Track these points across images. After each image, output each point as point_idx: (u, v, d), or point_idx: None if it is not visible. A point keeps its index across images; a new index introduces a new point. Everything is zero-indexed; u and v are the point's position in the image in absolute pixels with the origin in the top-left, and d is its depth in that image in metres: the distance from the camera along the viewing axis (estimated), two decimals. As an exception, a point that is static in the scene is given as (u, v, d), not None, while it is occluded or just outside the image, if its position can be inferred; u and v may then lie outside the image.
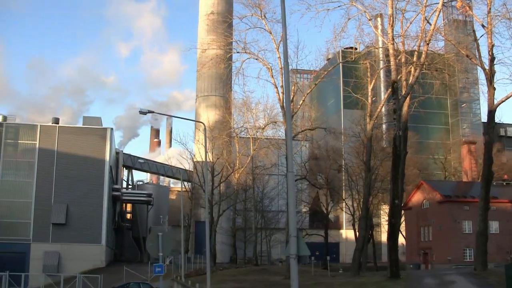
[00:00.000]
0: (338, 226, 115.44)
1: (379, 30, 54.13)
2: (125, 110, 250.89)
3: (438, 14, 43.42)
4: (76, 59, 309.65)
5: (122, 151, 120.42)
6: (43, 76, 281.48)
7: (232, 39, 59.93)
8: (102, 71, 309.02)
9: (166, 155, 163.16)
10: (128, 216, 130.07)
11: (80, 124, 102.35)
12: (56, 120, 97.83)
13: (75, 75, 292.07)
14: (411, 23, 46.29)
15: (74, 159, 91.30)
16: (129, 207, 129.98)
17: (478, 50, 47.21)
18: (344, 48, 68.39)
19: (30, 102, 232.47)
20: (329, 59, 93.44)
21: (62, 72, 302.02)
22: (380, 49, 58.04)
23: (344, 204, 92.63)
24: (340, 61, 71.20)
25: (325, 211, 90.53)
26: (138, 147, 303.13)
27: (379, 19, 61.83)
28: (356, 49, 64.90)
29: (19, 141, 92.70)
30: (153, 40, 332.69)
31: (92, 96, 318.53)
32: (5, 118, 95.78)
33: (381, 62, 60.36)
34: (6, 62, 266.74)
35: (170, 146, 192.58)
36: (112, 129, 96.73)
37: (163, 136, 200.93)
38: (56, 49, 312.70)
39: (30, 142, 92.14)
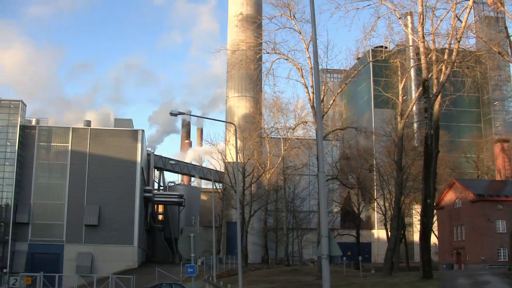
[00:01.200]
0: (369, 226, 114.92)
1: (409, 29, 53.64)
2: (161, 107, 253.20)
3: (469, 11, 42.91)
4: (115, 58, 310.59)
5: (153, 152, 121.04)
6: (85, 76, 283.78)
7: (261, 39, 59.86)
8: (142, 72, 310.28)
9: (195, 153, 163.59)
10: (160, 217, 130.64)
11: (112, 126, 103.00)
12: (88, 123, 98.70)
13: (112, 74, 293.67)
14: (441, 20, 45.86)
15: (106, 161, 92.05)
16: (161, 208, 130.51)
17: (511, 47, 46.64)
18: (374, 47, 68.11)
19: (78, 102, 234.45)
20: (359, 58, 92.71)
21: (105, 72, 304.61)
22: (411, 47, 57.62)
23: (375, 203, 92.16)
24: (370, 60, 70.95)
25: (356, 211, 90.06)
26: (170, 149, 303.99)
27: (409, 17, 61.24)
28: (386, 48, 64.60)
29: (51, 144, 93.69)
30: (185, 41, 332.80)
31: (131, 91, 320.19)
32: (38, 121, 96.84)
33: (412, 60, 59.86)
34: (58, 61, 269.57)
35: (201, 147, 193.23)
36: (143, 130, 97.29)
37: (194, 137, 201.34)
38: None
39: (62, 144, 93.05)
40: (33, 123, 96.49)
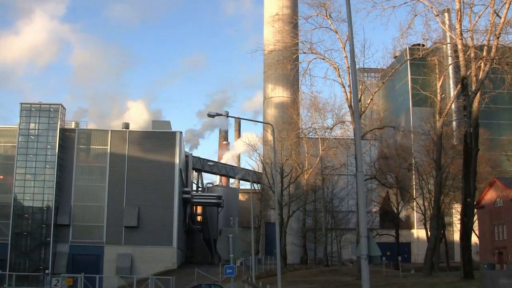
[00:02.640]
0: (409, 226, 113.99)
1: (447, 26, 53.19)
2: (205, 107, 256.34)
3: (508, 6, 42.26)
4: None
5: (191, 154, 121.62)
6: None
7: (298, 39, 59.82)
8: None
9: (233, 151, 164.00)
10: (199, 218, 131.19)
11: (150, 129, 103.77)
12: (127, 125, 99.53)
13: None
14: (479, 17, 45.27)
15: (144, 163, 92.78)
16: (199, 209, 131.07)
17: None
18: (411, 45, 67.49)
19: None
20: (396, 56, 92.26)
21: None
22: (448, 45, 57.11)
23: (414, 203, 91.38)
24: (408, 58, 70.39)
25: (395, 211, 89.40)
26: (208, 150, 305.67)
27: (446, 14, 60.84)
28: (423, 45, 63.92)
29: (91, 147, 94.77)
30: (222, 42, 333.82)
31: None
32: (77, 124, 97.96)
33: (450, 58, 59.36)
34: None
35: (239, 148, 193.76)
36: (181, 132, 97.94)
37: (232, 138, 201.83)
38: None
39: (101, 147, 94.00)
40: (73, 126, 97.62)
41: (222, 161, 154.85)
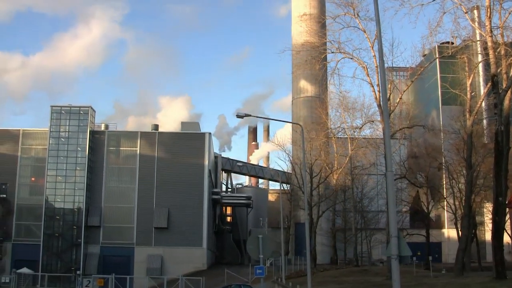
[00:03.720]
0: (439, 225, 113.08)
1: (476, 23, 52.60)
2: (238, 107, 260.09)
3: (539, 3, 41.88)
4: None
5: (220, 155, 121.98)
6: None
7: (326, 39, 59.59)
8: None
9: (262, 155, 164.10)
10: (228, 219, 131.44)
11: (179, 130, 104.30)
12: (156, 127, 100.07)
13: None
14: (510, 13, 44.70)
15: (174, 164, 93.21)
16: (229, 210, 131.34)
17: None
18: (440, 43, 67.02)
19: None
20: (425, 55, 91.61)
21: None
22: (478, 42, 56.53)
23: (445, 202, 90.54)
24: (437, 56, 69.82)
25: (425, 210, 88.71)
26: (237, 150, 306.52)
27: (475, 11, 60.10)
28: (452, 43, 63.41)
29: (120, 148, 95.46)
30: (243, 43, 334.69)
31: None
32: (107, 126, 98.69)
33: (479, 55, 58.68)
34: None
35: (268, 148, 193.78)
36: (210, 133, 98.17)
37: (260, 138, 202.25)
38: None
39: (131, 149, 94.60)
40: (102, 128, 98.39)
41: (251, 161, 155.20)
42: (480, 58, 59.05)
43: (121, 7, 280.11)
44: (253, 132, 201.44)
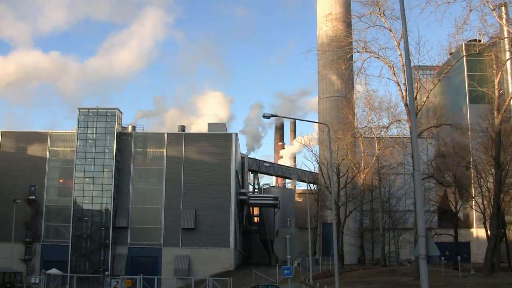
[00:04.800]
0: (468, 225, 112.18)
1: (504, 20, 52.15)
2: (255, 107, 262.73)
3: None
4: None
5: (247, 155, 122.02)
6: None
7: (351, 38, 59.46)
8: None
9: (289, 155, 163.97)
10: (255, 219, 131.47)
11: (205, 131, 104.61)
12: (182, 128, 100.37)
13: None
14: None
15: (201, 165, 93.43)
16: (256, 210, 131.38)
17: None
18: (467, 41, 66.41)
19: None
20: (452, 53, 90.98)
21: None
22: (506, 39, 56.04)
23: (473, 202, 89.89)
24: (464, 54, 69.30)
25: (454, 210, 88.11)
26: (264, 151, 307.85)
27: (503, 8, 59.58)
28: (480, 41, 63.01)
29: (147, 150, 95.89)
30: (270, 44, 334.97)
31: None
32: (134, 128, 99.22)
33: (507, 53, 58.21)
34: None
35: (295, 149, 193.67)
36: (236, 134, 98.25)
37: (287, 138, 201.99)
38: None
39: (158, 150, 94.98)
40: (129, 130, 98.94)
41: (278, 162, 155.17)
42: (508, 55, 58.53)
43: (173, 10, 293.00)
44: (279, 132, 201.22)
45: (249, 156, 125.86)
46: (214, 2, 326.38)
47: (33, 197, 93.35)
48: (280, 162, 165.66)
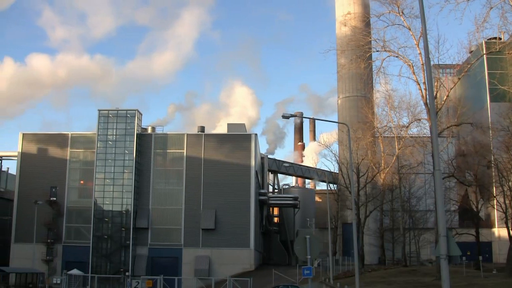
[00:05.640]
0: (489, 225, 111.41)
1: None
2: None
3: None
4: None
5: (267, 156, 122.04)
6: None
7: (370, 38, 59.29)
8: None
9: (309, 155, 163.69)
10: (276, 219, 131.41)
11: (224, 131, 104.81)
12: (202, 129, 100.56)
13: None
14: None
15: (220, 165, 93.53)
16: (276, 210, 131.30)
17: None
18: (488, 39, 66.10)
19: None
20: (472, 51, 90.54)
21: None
22: (527, 37, 55.58)
23: (495, 201, 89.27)
24: (484, 52, 68.86)
25: (475, 209, 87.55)
26: (283, 151, 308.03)
27: (524, 6, 59.08)
28: (500, 39, 62.48)
29: (167, 151, 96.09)
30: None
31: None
32: (153, 129, 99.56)
33: (528, 51, 57.75)
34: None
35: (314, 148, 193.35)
36: (256, 134, 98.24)
37: (307, 138, 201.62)
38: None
39: (178, 151, 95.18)
40: (149, 131, 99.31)
41: (298, 162, 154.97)
42: (529, 53, 58.05)
43: (210, 12, 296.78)
44: (299, 132, 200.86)
45: (271, 156, 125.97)
46: (243, 4, 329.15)
47: (54, 199, 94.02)
48: (300, 162, 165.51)
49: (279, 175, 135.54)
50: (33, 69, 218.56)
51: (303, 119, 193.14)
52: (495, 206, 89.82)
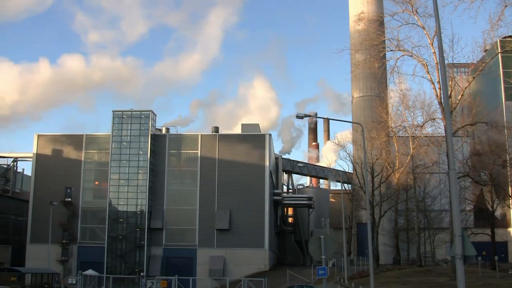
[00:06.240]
0: (505, 224, 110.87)
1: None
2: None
3: None
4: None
5: (281, 156, 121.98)
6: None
7: (384, 37, 59.14)
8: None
9: (322, 152, 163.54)
10: (290, 220, 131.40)
11: (238, 131, 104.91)
12: (216, 129, 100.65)
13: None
14: None
15: (235, 166, 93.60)
16: (290, 211, 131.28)
17: None
18: (502, 38, 65.76)
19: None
20: (486, 50, 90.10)
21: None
22: (542, 36, 55.32)
23: (510, 200, 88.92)
24: (499, 51, 68.52)
25: (490, 209, 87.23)
26: (298, 151, 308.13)
27: (539, 4, 58.79)
28: (515, 37, 62.27)
29: (181, 151, 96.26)
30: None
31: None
32: (167, 129, 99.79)
33: (544, 49, 57.47)
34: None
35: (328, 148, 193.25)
36: (270, 135, 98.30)
37: (321, 138, 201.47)
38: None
39: (192, 151, 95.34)
40: (163, 131, 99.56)
41: (319, 162, 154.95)
42: (544, 51, 57.79)
43: (236, 12, 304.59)
44: (313, 132, 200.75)
45: (285, 157, 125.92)
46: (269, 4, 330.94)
47: (69, 199, 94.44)
48: (314, 162, 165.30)
49: (294, 175, 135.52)
50: (65, 71, 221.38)
51: (318, 119, 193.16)
52: (510, 205, 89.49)
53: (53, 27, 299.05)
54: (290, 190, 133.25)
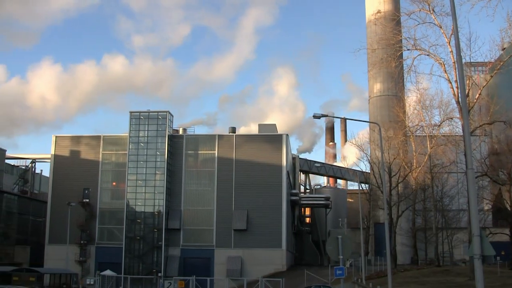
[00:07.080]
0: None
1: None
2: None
3: None
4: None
5: (298, 156, 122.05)
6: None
7: (401, 36, 58.93)
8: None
9: (341, 154, 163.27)
10: (307, 220, 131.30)
11: (256, 132, 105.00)
12: (233, 129, 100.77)
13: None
14: None
15: (252, 166, 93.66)
16: (307, 211, 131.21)
17: None
18: (521, 36, 65.16)
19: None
20: (504, 48, 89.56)
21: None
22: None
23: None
24: (517, 49, 68.17)
25: (509, 208, 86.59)
26: (314, 152, 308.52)
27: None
28: (533, 35, 61.75)
29: (199, 152, 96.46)
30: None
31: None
32: (184, 130, 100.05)
33: None
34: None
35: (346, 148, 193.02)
36: (287, 135, 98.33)
37: (338, 138, 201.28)
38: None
39: (209, 152, 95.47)
40: (180, 132, 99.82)
41: (329, 161, 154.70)
42: None
43: (272, 13, 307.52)
44: (330, 132, 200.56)
45: (303, 157, 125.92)
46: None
47: (87, 200, 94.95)
48: (331, 162, 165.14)
49: (311, 175, 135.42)
50: (107, 72, 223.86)
51: (334, 119, 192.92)
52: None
53: (97, 29, 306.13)
54: (307, 190, 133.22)
